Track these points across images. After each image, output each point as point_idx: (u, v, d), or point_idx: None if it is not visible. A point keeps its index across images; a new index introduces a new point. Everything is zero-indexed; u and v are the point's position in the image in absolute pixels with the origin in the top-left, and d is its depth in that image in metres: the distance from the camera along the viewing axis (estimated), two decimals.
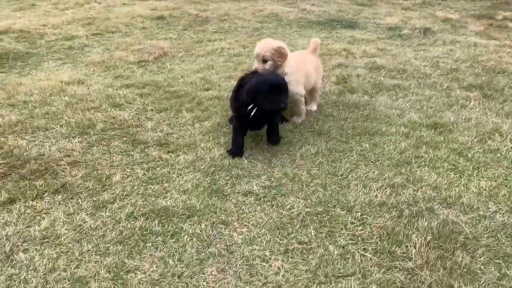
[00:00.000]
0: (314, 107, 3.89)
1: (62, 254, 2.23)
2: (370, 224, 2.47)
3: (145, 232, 2.39)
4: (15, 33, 6.14)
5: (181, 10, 7.66)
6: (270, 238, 2.37)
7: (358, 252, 2.29)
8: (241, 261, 2.22)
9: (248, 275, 2.13)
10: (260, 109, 2.98)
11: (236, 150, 3.13)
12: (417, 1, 9.05)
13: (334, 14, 7.66)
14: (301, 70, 3.52)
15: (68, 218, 2.48)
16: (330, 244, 2.34)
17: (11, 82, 4.35)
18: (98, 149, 3.19)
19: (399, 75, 4.74)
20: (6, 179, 2.79)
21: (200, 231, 2.41)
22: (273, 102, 2.94)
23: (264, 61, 3.29)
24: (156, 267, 2.17)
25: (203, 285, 2.08)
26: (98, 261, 2.19)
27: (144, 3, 8.35)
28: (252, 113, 2.98)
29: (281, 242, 2.35)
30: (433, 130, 3.55)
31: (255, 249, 2.30)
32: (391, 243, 2.33)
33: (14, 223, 2.43)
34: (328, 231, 2.44)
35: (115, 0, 8.29)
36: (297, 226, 2.47)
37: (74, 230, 2.39)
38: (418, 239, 2.32)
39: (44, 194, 2.67)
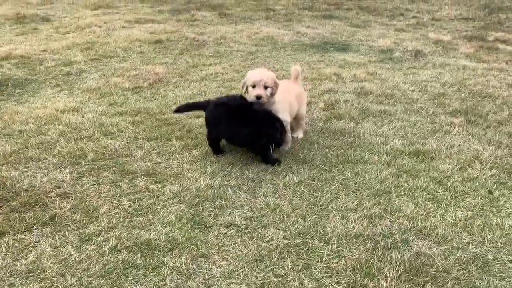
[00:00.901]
0: (300, 134, 4.00)
1: None
2: (345, 257, 2.55)
3: (127, 266, 2.48)
4: (16, 58, 6.33)
5: (179, 34, 7.85)
6: (248, 272, 2.46)
7: (332, 285, 2.36)
8: None
9: None
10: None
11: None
12: (411, 21, 9.20)
13: (328, 37, 7.81)
14: (286, 98, 3.68)
15: (54, 252, 2.58)
16: (305, 277, 2.42)
17: (8, 110, 4.49)
18: (88, 180, 3.30)
19: (386, 100, 4.85)
20: None
21: (181, 264, 2.50)
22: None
23: (265, 87, 3.48)
24: None
25: None
26: None
27: (143, 26, 8.55)
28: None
29: (258, 275, 2.43)
30: (415, 158, 3.64)
31: (233, 282, 2.39)
32: (363, 276, 2.40)
33: (2, 257, 2.53)
34: (305, 263, 2.52)
35: (114, 24, 8.50)
36: (275, 259, 2.55)
37: (60, 264, 2.49)
38: (389, 272, 2.40)
39: (33, 227, 2.78)
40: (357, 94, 5.00)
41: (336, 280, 2.39)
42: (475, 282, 2.39)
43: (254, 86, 3.50)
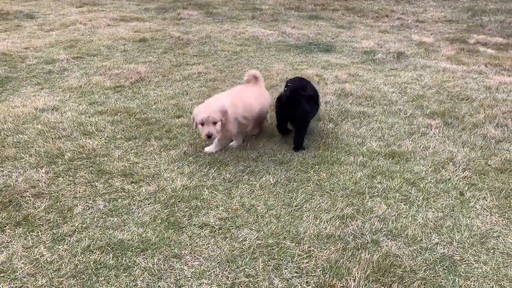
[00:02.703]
0: (254, 132, 4.09)
1: None
2: (316, 257, 2.59)
3: (99, 266, 2.49)
4: None
5: (164, 32, 7.83)
6: (219, 272, 2.48)
7: (301, 285, 2.40)
8: None
9: None
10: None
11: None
12: (396, 23, 9.29)
13: (313, 37, 7.86)
14: (238, 111, 3.68)
15: (26, 252, 2.58)
16: (275, 277, 2.46)
17: None
18: (64, 180, 3.30)
19: (366, 101, 4.91)
20: None
21: (153, 265, 2.51)
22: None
23: (214, 123, 3.46)
24: None
25: None
26: None
27: (128, 24, 8.51)
28: None
29: (229, 275, 2.46)
30: (390, 159, 3.70)
31: (203, 283, 2.41)
32: (332, 276, 2.45)
33: None
34: (276, 263, 2.56)
35: (99, 22, 8.45)
36: (247, 259, 2.58)
37: (31, 264, 2.49)
38: (358, 273, 2.44)
39: (5, 227, 2.77)
40: (337, 96, 5.05)
41: (305, 280, 2.43)
42: (441, 282, 2.44)
43: (202, 124, 3.47)
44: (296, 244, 2.70)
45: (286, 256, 2.61)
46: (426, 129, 4.28)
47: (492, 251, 2.69)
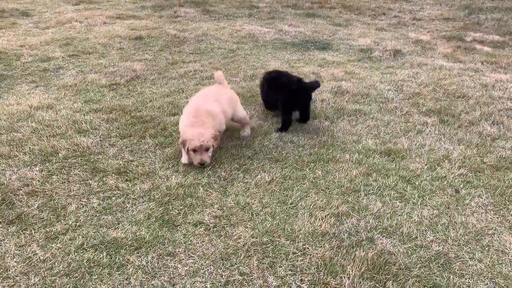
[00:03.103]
0: (246, 132, 4.02)
1: (7, 287, 2.30)
2: (310, 254, 2.58)
3: (92, 264, 2.48)
4: None
5: (160, 30, 7.80)
6: (213, 270, 2.47)
7: (295, 283, 2.39)
8: None
9: None
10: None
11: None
12: (393, 21, 9.28)
13: (309, 35, 7.84)
14: (217, 109, 3.67)
15: (19, 250, 2.56)
16: (270, 275, 2.45)
17: None
18: (58, 178, 3.28)
19: (362, 99, 4.90)
20: None
21: (146, 263, 2.50)
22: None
23: (207, 149, 3.39)
24: None
25: None
26: None
27: (124, 22, 8.47)
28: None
29: (223, 273, 2.45)
30: (386, 157, 3.69)
31: (197, 281, 2.40)
32: (327, 273, 2.44)
33: None
34: (270, 261, 2.55)
35: (95, 19, 8.41)
36: (241, 257, 2.57)
37: (24, 263, 2.47)
38: (352, 270, 2.44)
39: None
40: (333, 93, 5.04)
41: (300, 278, 2.42)
42: (436, 279, 2.44)
43: (195, 151, 3.36)
44: (291, 242, 2.69)
45: (280, 253, 2.60)
46: (422, 127, 4.27)
47: (487, 248, 2.68)
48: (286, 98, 4.05)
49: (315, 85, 4.10)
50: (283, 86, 4.08)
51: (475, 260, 2.59)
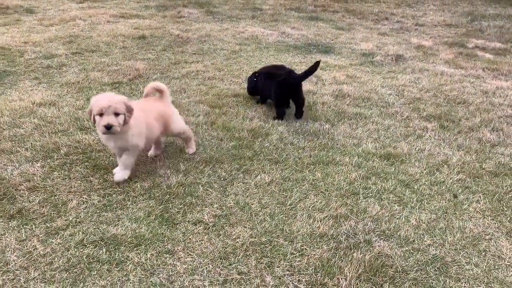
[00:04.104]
0: (192, 149, 3.70)
1: (8, 281, 2.33)
2: (308, 255, 2.60)
3: (91, 260, 2.50)
4: None
5: (163, 30, 7.83)
6: (212, 268, 2.49)
7: (293, 283, 2.41)
8: None
9: None
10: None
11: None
12: (395, 26, 9.32)
13: (312, 38, 7.88)
14: (143, 121, 3.20)
15: (19, 245, 2.58)
16: (267, 274, 2.47)
17: None
18: (59, 174, 3.30)
19: (363, 103, 4.92)
20: None
21: (145, 260, 2.52)
22: None
23: (116, 114, 2.93)
24: None
25: None
26: None
27: (128, 21, 8.51)
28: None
29: (221, 272, 2.47)
30: (385, 160, 3.71)
31: (196, 279, 2.42)
32: (324, 274, 2.46)
33: None
34: (268, 261, 2.57)
35: (99, 18, 8.45)
36: (240, 256, 2.59)
37: (24, 257, 2.49)
38: (349, 272, 2.45)
39: None
40: (335, 97, 5.06)
41: (297, 279, 2.44)
42: (432, 283, 2.46)
43: (101, 114, 2.92)
44: (289, 243, 2.71)
45: (278, 254, 2.62)
46: (422, 132, 4.30)
47: (483, 253, 2.70)
48: (278, 89, 4.35)
49: (304, 76, 4.34)
50: (276, 78, 4.38)
51: (471, 264, 2.61)
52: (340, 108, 4.74)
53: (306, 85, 5.38)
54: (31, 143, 3.68)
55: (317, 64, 4.30)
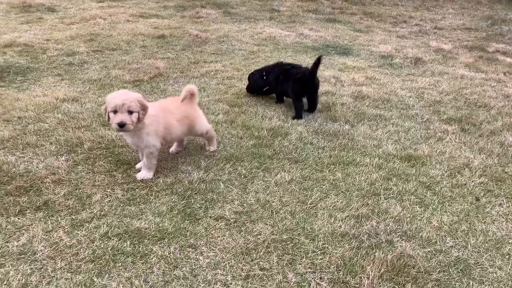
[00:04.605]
0: (213, 147, 3.74)
1: (35, 270, 2.38)
2: (330, 254, 2.61)
3: (116, 252, 2.54)
4: (19, 46, 6.39)
5: (182, 30, 7.90)
6: (234, 263, 2.51)
7: (315, 280, 2.42)
8: (203, 285, 2.36)
9: None
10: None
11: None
12: (414, 29, 9.25)
13: (330, 40, 7.87)
14: (161, 121, 3.23)
15: (46, 235, 2.64)
16: (289, 271, 2.48)
17: (8, 97, 4.55)
18: (83, 168, 3.36)
19: (382, 105, 4.91)
20: None
21: (169, 253, 2.55)
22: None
23: (130, 112, 2.95)
24: (123, 287, 2.32)
25: None
26: (68, 278, 2.34)
27: (147, 20, 8.60)
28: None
29: (243, 267, 2.49)
30: (406, 162, 3.70)
31: (218, 273, 2.44)
32: (346, 273, 2.46)
33: None
34: (290, 258, 2.58)
35: (119, 17, 8.56)
36: (261, 253, 2.61)
37: (50, 247, 2.55)
38: (372, 271, 2.45)
39: (26, 210, 2.84)
40: (354, 98, 5.05)
41: (319, 276, 2.45)
42: (455, 285, 2.44)
43: (115, 112, 2.94)
44: (311, 241, 2.72)
45: (300, 251, 2.63)
46: (442, 134, 4.27)
47: (507, 256, 2.68)
48: (296, 85, 4.52)
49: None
50: (293, 75, 4.58)
51: (495, 267, 2.59)
52: (360, 109, 4.73)
53: (324, 86, 5.39)
54: (56, 138, 3.76)
55: (319, 58, 4.48)
